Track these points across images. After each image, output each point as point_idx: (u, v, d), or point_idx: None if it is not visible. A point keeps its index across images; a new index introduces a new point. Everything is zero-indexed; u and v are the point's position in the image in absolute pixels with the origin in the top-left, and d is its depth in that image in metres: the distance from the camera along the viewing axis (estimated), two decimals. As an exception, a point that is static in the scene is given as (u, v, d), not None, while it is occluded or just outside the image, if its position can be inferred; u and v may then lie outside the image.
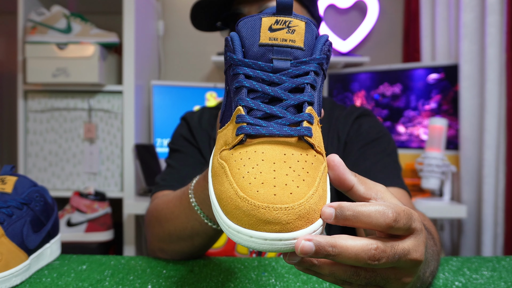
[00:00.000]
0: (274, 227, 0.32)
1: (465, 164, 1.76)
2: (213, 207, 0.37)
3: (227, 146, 0.39)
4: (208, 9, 0.85)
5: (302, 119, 0.38)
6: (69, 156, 1.76)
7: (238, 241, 0.33)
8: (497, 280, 0.59)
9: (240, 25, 0.41)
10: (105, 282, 0.57)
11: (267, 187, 0.33)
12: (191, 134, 0.93)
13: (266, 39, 0.40)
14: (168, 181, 0.83)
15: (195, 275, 0.61)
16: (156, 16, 2.08)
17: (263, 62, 0.40)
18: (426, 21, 1.94)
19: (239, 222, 0.33)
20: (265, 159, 0.35)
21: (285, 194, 0.33)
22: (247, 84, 0.39)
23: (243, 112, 0.38)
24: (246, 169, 0.35)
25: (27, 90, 1.75)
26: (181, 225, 0.63)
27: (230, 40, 0.42)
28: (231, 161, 0.37)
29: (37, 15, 1.70)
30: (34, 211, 0.62)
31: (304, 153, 0.37)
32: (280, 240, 0.32)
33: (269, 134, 0.37)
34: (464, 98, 1.75)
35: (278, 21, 0.40)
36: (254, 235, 0.32)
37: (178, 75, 2.18)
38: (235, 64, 0.40)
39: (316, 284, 0.57)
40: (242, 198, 0.33)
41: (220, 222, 0.35)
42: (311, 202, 0.33)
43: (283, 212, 0.32)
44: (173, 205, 0.65)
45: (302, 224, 0.32)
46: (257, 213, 0.32)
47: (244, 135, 0.37)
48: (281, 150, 0.36)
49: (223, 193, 0.35)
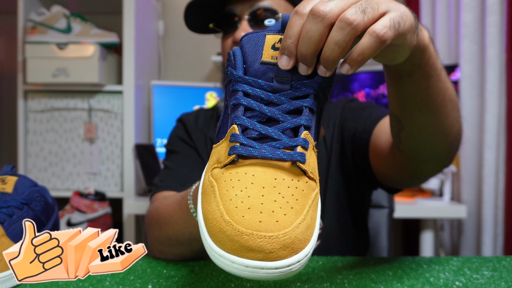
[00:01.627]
0: (257, 255, 0.31)
1: (465, 164, 1.76)
2: (199, 226, 0.36)
3: (219, 164, 0.38)
4: (201, 9, 0.85)
5: (296, 144, 0.37)
6: (69, 156, 1.76)
7: (220, 265, 0.33)
8: (498, 280, 0.59)
9: (243, 40, 0.41)
10: (105, 282, 0.57)
11: (253, 213, 0.32)
12: (187, 135, 0.93)
13: (268, 58, 0.39)
14: (166, 182, 0.83)
15: (195, 275, 0.61)
16: (156, 16, 2.08)
17: (263, 80, 0.39)
18: (426, 21, 1.94)
19: (222, 246, 0.32)
20: (255, 182, 0.35)
21: (271, 221, 0.32)
22: (245, 102, 0.38)
23: (237, 131, 0.38)
24: (234, 192, 0.34)
25: (27, 90, 1.75)
26: (179, 230, 0.63)
27: (232, 55, 0.41)
28: (221, 181, 0.36)
29: (37, 15, 1.70)
30: (35, 211, 0.61)
31: (296, 179, 0.36)
32: (262, 269, 0.31)
33: (262, 157, 0.36)
34: (464, 98, 1.75)
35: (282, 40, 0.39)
36: (236, 261, 0.32)
37: (178, 75, 2.18)
38: (234, 80, 0.40)
39: (316, 284, 0.57)
40: (227, 222, 0.32)
41: (204, 243, 0.35)
42: (297, 232, 0.32)
43: (266, 241, 0.31)
44: (172, 209, 0.65)
45: (285, 254, 0.32)
46: (241, 239, 0.31)
47: (236, 156, 0.37)
48: (273, 174, 0.36)
49: (210, 213, 0.34)
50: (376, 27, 0.38)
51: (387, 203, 1.13)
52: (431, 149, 0.61)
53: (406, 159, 0.65)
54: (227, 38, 0.84)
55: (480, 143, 1.73)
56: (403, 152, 0.64)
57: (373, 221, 1.12)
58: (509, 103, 1.65)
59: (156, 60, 2.10)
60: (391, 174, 0.73)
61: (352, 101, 0.89)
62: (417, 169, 0.67)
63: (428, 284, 0.57)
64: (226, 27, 0.84)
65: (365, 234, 0.91)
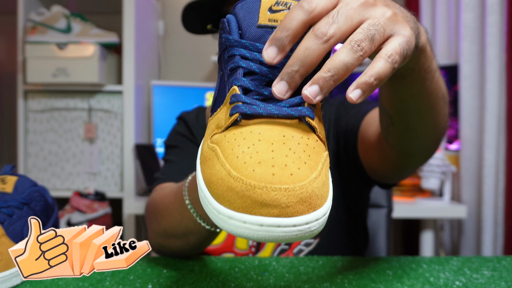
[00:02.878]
0: (272, 210, 0.28)
1: (465, 164, 1.76)
2: (201, 194, 0.33)
3: (219, 130, 0.35)
4: (198, 11, 0.85)
5: (303, 101, 0.34)
6: (69, 156, 1.76)
7: (229, 229, 0.29)
8: (498, 280, 0.59)
9: (237, 6, 0.39)
10: (105, 282, 0.57)
11: (264, 166, 0.29)
12: (189, 132, 0.92)
13: (265, 20, 0.37)
14: (168, 175, 0.83)
15: (195, 275, 0.61)
16: (156, 16, 2.08)
17: (261, 44, 0.36)
18: (426, 21, 1.94)
19: (231, 205, 0.29)
20: (262, 139, 0.32)
21: (284, 174, 0.29)
22: (244, 64, 0.36)
23: (238, 92, 0.35)
24: (241, 149, 0.31)
25: (27, 90, 1.75)
26: (175, 223, 0.62)
27: (226, 22, 0.39)
28: (223, 142, 0.33)
29: (37, 15, 1.70)
30: (35, 211, 0.61)
31: (306, 136, 0.33)
32: (278, 227, 0.28)
33: (267, 114, 0.33)
34: (464, 98, 1.75)
35: (278, 2, 0.37)
36: (248, 220, 0.28)
37: (178, 75, 2.18)
38: (230, 45, 0.37)
39: (316, 284, 0.57)
40: (235, 178, 0.29)
41: (208, 209, 0.31)
42: (314, 186, 0.30)
43: (282, 194, 0.28)
44: (168, 201, 0.64)
45: (303, 209, 0.29)
46: (253, 194, 0.28)
47: (239, 115, 0.34)
48: (280, 131, 0.33)
49: (213, 175, 0.31)
50: (389, 52, 0.36)
51: (385, 203, 1.13)
52: (420, 144, 0.62)
53: (393, 152, 0.66)
54: None
55: (480, 143, 1.73)
56: (391, 145, 0.64)
57: (371, 221, 1.12)
58: (509, 103, 1.65)
59: (156, 60, 2.10)
60: (379, 168, 0.73)
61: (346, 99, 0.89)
62: (404, 162, 0.67)
63: (428, 284, 0.57)
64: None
65: (364, 232, 0.91)
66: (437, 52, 1.89)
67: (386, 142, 0.65)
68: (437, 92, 0.55)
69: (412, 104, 0.54)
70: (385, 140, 0.65)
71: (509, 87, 1.65)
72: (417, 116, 0.57)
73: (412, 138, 0.61)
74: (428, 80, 0.52)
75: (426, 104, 0.55)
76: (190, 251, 0.67)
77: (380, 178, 0.76)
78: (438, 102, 0.56)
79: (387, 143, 0.65)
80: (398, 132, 0.60)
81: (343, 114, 0.84)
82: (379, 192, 1.12)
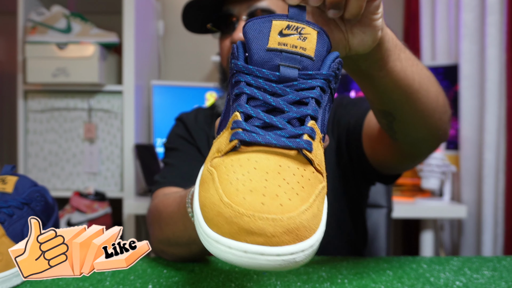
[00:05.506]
0: (257, 238, 0.28)
1: (465, 164, 1.76)
2: (194, 215, 0.33)
3: (219, 154, 0.36)
4: (199, 9, 0.85)
5: (302, 132, 0.35)
6: (69, 156, 1.76)
7: (215, 252, 0.30)
8: (498, 280, 0.59)
9: (247, 26, 0.39)
10: (105, 282, 0.57)
11: (255, 195, 0.30)
12: (188, 133, 0.92)
13: (275, 44, 0.37)
14: (168, 178, 0.83)
15: (195, 275, 0.61)
16: (156, 16, 2.08)
17: (268, 69, 0.37)
18: (426, 21, 1.94)
19: (219, 230, 0.30)
20: (258, 167, 0.32)
21: (274, 204, 0.30)
22: (248, 91, 0.36)
23: (240, 118, 0.35)
24: (236, 176, 0.32)
25: (27, 90, 1.75)
26: (179, 232, 0.62)
27: (235, 47, 0.39)
28: (221, 167, 0.34)
29: (37, 15, 1.70)
30: (35, 211, 0.61)
31: (302, 167, 0.34)
32: (262, 255, 0.28)
33: (266, 143, 0.34)
34: (464, 98, 1.75)
35: (289, 26, 0.37)
36: (233, 245, 0.29)
37: (178, 75, 2.18)
38: (238, 70, 0.38)
39: (316, 284, 0.57)
40: (226, 203, 0.30)
41: (199, 231, 0.32)
42: (303, 218, 0.30)
43: (269, 223, 0.29)
44: (172, 210, 0.64)
45: (289, 239, 0.29)
46: (240, 221, 0.29)
47: (238, 142, 0.34)
48: (277, 161, 0.33)
49: (207, 199, 0.32)
50: None
51: (385, 203, 1.13)
52: (425, 128, 0.63)
53: (403, 145, 0.66)
54: (225, 39, 0.84)
55: (480, 143, 1.73)
56: (399, 140, 0.65)
57: (371, 221, 1.12)
58: (509, 103, 1.65)
59: (156, 60, 2.10)
60: (387, 160, 0.74)
61: (344, 98, 0.90)
62: (415, 151, 0.68)
63: (428, 284, 0.57)
64: (224, 27, 0.84)
65: (363, 230, 0.91)
66: (437, 52, 1.90)
67: (394, 139, 0.66)
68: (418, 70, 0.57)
69: (402, 87, 0.56)
70: (393, 138, 0.65)
71: (509, 87, 1.65)
72: (411, 99, 0.58)
73: (415, 124, 0.62)
74: (404, 57, 0.54)
75: (413, 82, 0.56)
76: (192, 258, 0.67)
77: (388, 169, 0.77)
78: (423, 80, 0.58)
79: (395, 141, 0.66)
80: (402, 123, 0.61)
81: (343, 114, 0.84)
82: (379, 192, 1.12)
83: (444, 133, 0.66)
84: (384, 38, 0.49)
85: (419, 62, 0.59)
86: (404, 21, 2.11)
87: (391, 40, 0.51)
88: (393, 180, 0.81)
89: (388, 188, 1.15)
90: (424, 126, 0.62)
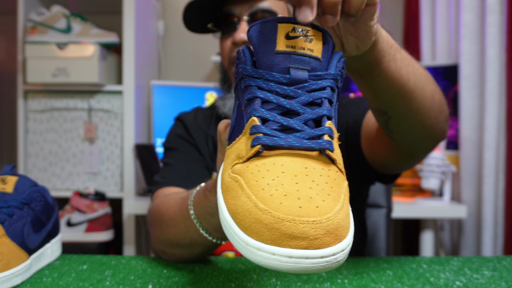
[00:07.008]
0: (300, 242, 0.29)
1: (465, 164, 1.76)
2: (225, 224, 0.33)
3: (240, 160, 0.36)
4: (200, 10, 0.85)
5: (322, 133, 0.35)
6: (69, 156, 1.76)
7: (257, 260, 0.30)
8: (498, 280, 0.59)
9: (252, 30, 0.39)
10: (105, 282, 0.57)
11: (290, 199, 0.30)
12: (187, 133, 0.92)
13: (283, 47, 0.37)
14: (168, 178, 0.83)
15: (195, 275, 0.61)
16: (156, 16, 2.08)
17: (278, 71, 0.37)
18: (426, 21, 1.94)
19: (259, 237, 0.29)
20: (286, 171, 0.33)
21: (311, 207, 0.30)
22: (261, 95, 0.36)
23: (258, 123, 0.35)
24: (266, 181, 0.32)
25: (27, 90, 1.75)
26: (181, 234, 0.63)
27: (242, 52, 0.39)
28: (246, 173, 0.34)
29: (37, 15, 1.69)
30: (35, 211, 0.61)
31: (326, 167, 0.34)
32: (306, 258, 0.29)
33: (289, 146, 0.34)
34: (464, 98, 1.75)
35: (295, 29, 0.37)
36: (277, 251, 0.29)
37: (178, 75, 2.18)
38: (247, 75, 0.38)
39: (316, 284, 0.57)
40: (263, 210, 0.30)
41: (234, 240, 0.32)
42: (339, 218, 0.31)
43: (310, 226, 0.29)
44: (173, 212, 0.64)
45: (330, 240, 0.29)
46: (281, 227, 0.29)
47: (261, 146, 0.34)
48: (302, 163, 0.34)
49: (239, 207, 0.32)
50: None
51: (385, 203, 1.13)
52: (421, 127, 0.63)
53: (400, 144, 0.66)
54: (226, 39, 0.84)
55: (480, 143, 1.73)
56: (396, 139, 0.65)
57: (371, 221, 1.12)
58: (509, 103, 1.65)
59: (156, 60, 2.10)
60: (386, 160, 0.74)
61: (343, 98, 0.90)
62: (412, 150, 0.68)
63: (428, 284, 0.57)
64: (225, 27, 0.84)
65: (363, 230, 0.91)
66: (437, 52, 1.90)
67: (392, 139, 0.66)
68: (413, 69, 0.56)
69: (396, 86, 0.56)
70: (389, 137, 0.65)
71: (509, 87, 1.65)
72: (406, 99, 0.58)
73: (410, 123, 0.62)
74: (399, 57, 0.54)
75: (408, 81, 0.56)
76: (193, 259, 0.67)
77: (387, 169, 0.77)
78: (419, 79, 0.57)
79: (392, 140, 0.66)
80: (397, 122, 0.61)
81: (341, 114, 0.84)
82: (379, 192, 1.12)
83: (441, 132, 0.66)
84: (377, 40, 0.49)
85: (415, 62, 0.58)
86: (404, 21, 2.11)
87: (386, 41, 0.51)
88: (393, 180, 0.81)
89: (388, 188, 1.15)
90: (419, 125, 0.62)
